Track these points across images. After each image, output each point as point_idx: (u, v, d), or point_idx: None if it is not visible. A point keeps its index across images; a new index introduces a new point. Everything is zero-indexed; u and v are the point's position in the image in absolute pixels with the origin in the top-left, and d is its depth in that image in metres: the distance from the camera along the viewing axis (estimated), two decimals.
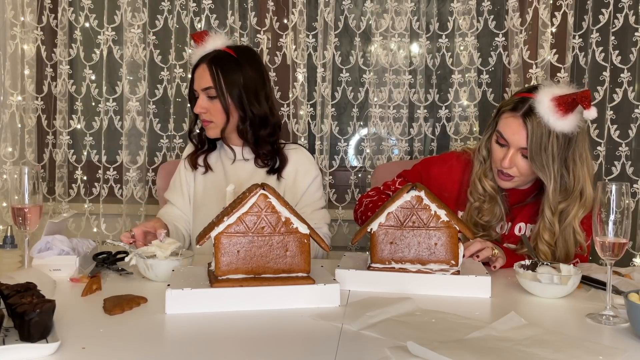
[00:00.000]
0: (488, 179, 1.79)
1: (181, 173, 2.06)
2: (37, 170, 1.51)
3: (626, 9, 2.28)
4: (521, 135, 1.67)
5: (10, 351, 1.01)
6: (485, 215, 1.79)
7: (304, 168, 1.99)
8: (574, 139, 1.67)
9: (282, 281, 1.31)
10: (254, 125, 1.94)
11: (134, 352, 1.06)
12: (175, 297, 1.26)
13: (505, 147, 1.72)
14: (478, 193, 1.80)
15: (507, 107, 1.73)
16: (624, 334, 1.19)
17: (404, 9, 2.47)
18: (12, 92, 2.58)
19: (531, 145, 1.65)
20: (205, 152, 2.04)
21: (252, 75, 1.94)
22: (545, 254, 1.71)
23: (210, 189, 2.00)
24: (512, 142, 1.69)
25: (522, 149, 1.68)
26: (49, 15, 2.62)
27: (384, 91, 2.52)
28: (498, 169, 1.75)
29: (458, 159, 1.90)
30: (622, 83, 2.30)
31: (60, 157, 2.64)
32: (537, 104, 1.65)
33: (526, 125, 1.66)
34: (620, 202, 1.25)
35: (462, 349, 1.05)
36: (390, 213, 1.45)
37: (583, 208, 1.71)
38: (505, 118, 1.71)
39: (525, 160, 1.69)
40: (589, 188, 1.70)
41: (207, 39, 1.96)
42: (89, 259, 1.63)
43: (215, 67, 1.91)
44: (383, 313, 1.24)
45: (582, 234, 1.72)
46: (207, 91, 1.91)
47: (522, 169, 1.71)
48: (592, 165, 1.77)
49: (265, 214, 1.31)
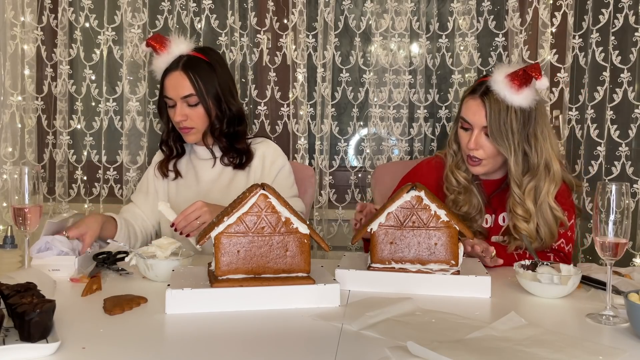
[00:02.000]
0: (461, 171, 1.86)
1: (149, 180, 2.07)
2: (37, 170, 1.51)
3: (626, 9, 2.28)
4: (481, 114, 1.75)
5: (10, 351, 1.01)
6: (463, 206, 1.83)
7: (269, 159, 2.02)
8: (533, 115, 1.75)
9: (282, 281, 1.31)
10: (233, 123, 1.97)
11: (134, 352, 1.06)
12: (175, 297, 1.26)
13: (469, 131, 1.79)
14: (452, 186, 1.87)
15: (467, 92, 1.83)
16: (624, 334, 1.19)
17: (404, 9, 2.47)
18: (12, 92, 2.58)
19: (490, 121, 1.73)
20: (175, 158, 2.05)
21: (223, 75, 1.97)
22: (528, 232, 1.74)
23: (183, 192, 2.01)
24: (474, 122, 1.77)
25: (484, 128, 1.76)
26: (49, 15, 2.61)
27: (384, 91, 2.52)
28: (467, 154, 1.81)
29: (429, 165, 1.98)
30: (622, 83, 2.30)
31: (60, 157, 2.64)
32: (493, 84, 1.75)
33: (484, 103, 1.74)
34: (620, 202, 1.25)
35: (462, 349, 1.05)
36: (390, 213, 1.45)
37: (553, 183, 1.76)
38: (466, 102, 1.80)
39: (488, 139, 1.76)
40: (556, 164, 1.77)
41: (169, 45, 1.94)
42: (89, 259, 1.63)
43: (192, 73, 1.91)
44: (383, 313, 1.24)
45: (559, 209, 1.77)
46: (188, 99, 1.91)
47: (487, 150, 1.77)
48: (557, 144, 1.86)
49: (265, 214, 1.31)
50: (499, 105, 1.73)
